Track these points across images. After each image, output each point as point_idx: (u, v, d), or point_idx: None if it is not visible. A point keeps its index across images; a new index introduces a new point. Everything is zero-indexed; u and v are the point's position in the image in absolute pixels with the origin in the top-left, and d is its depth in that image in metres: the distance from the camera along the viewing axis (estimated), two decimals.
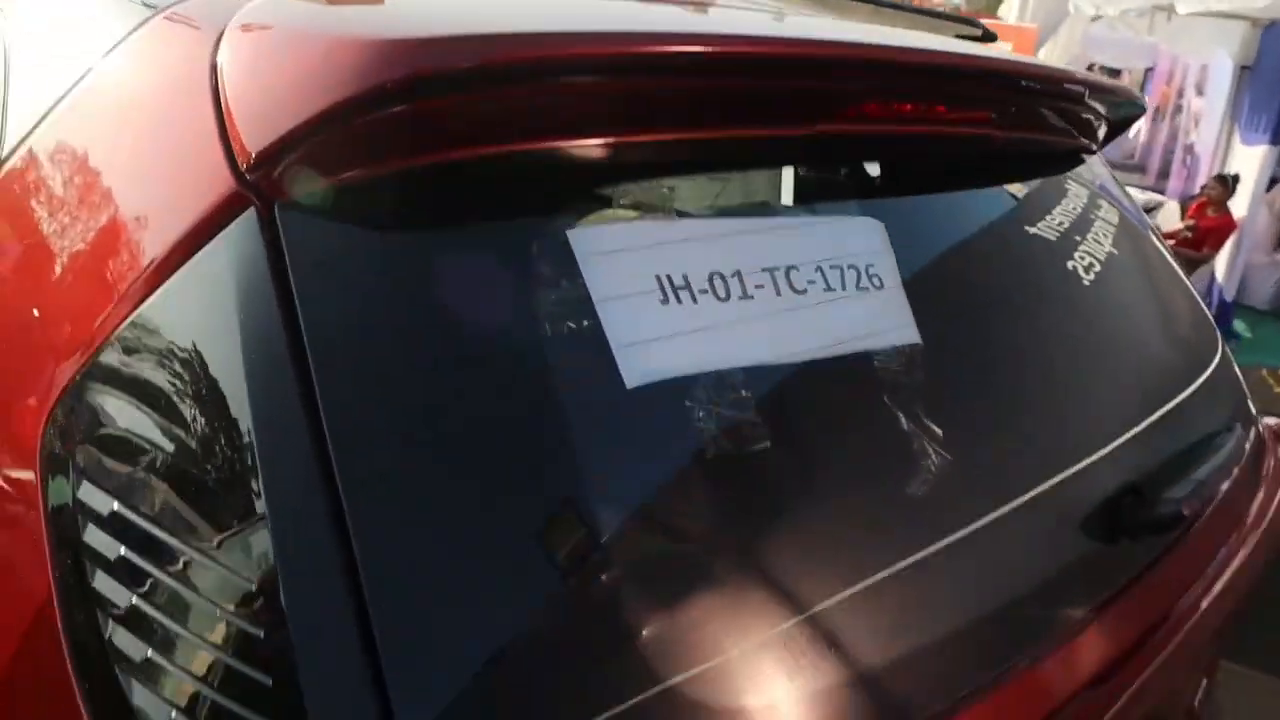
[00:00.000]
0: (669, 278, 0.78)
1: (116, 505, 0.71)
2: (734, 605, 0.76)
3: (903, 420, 0.91)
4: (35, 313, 0.83)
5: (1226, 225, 6.44)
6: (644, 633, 0.71)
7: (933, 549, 0.88)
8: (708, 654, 0.71)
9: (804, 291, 0.86)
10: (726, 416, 0.78)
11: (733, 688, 0.72)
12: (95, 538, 0.72)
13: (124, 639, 0.69)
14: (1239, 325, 6.77)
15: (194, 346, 0.72)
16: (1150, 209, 7.24)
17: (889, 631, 0.82)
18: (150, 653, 0.67)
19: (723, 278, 0.81)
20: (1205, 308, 1.63)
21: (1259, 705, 2.74)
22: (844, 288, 0.89)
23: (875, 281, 0.92)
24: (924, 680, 0.81)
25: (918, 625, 0.84)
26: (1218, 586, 1.20)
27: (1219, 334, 1.60)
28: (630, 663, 0.69)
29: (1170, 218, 7.27)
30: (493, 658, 0.66)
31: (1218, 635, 1.31)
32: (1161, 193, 8.66)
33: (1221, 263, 6.77)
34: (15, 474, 0.80)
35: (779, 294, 0.84)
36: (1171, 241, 6.23)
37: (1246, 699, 2.70)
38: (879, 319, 0.91)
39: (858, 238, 0.93)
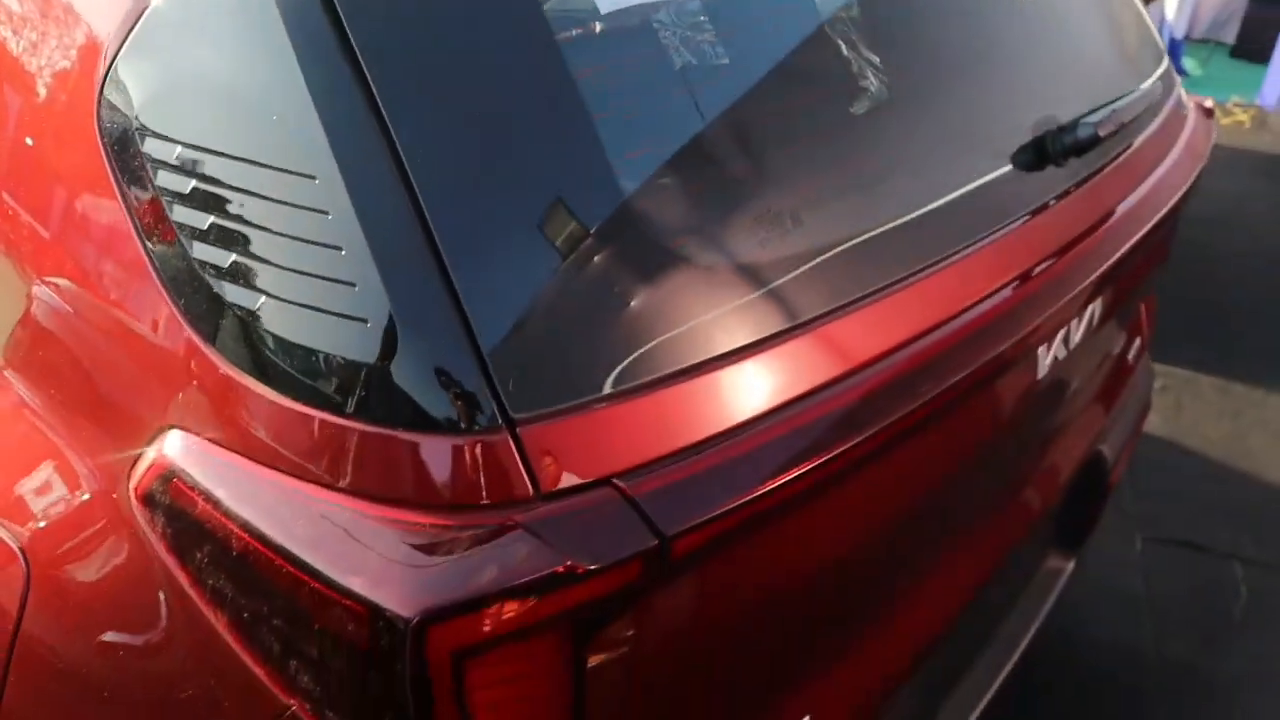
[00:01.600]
0: None
1: (180, 150, 0.84)
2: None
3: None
4: None
5: None
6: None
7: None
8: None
9: None
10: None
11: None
12: (167, 180, 0.85)
13: (205, 251, 0.83)
14: (1189, 63, 6.83)
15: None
16: None
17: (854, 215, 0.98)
18: (236, 258, 0.81)
19: None
20: (1154, 28, 1.75)
21: (1195, 403, 2.99)
22: None
23: None
24: (896, 251, 0.99)
25: (883, 213, 1.00)
26: (1135, 217, 1.37)
27: (1166, 54, 1.72)
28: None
29: None
30: (552, 255, 0.81)
31: (1137, 267, 1.48)
32: None
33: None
34: (80, 139, 0.93)
35: None
36: None
37: (1185, 399, 2.96)
38: None
39: None
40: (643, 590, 0.78)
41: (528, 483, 0.75)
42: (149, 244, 0.87)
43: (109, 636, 0.94)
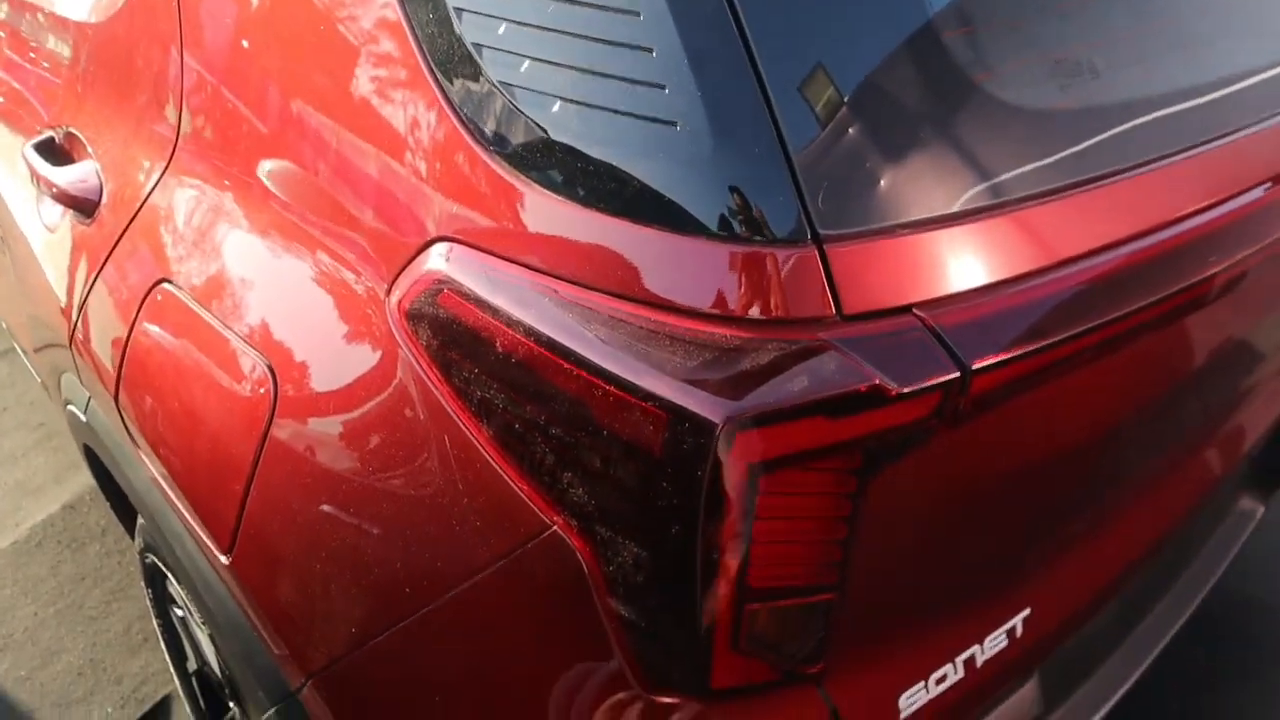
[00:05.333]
0: None
1: None
2: None
3: None
4: None
5: None
6: None
7: None
8: None
9: None
10: None
11: None
12: None
13: (494, 59, 0.81)
14: None
15: None
16: None
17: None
18: (530, 64, 0.79)
19: None
20: None
21: None
22: None
23: None
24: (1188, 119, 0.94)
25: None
26: None
27: None
28: None
29: None
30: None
31: None
32: None
33: None
34: None
35: None
36: None
37: None
38: None
39: None
40: (932, 428, 0.75)
41: (830, 302, 0.72)
42: (429, 55, 0.86)
43: (352, 457, 0.95)
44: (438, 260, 0.85)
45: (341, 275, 0.95)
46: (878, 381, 0.69)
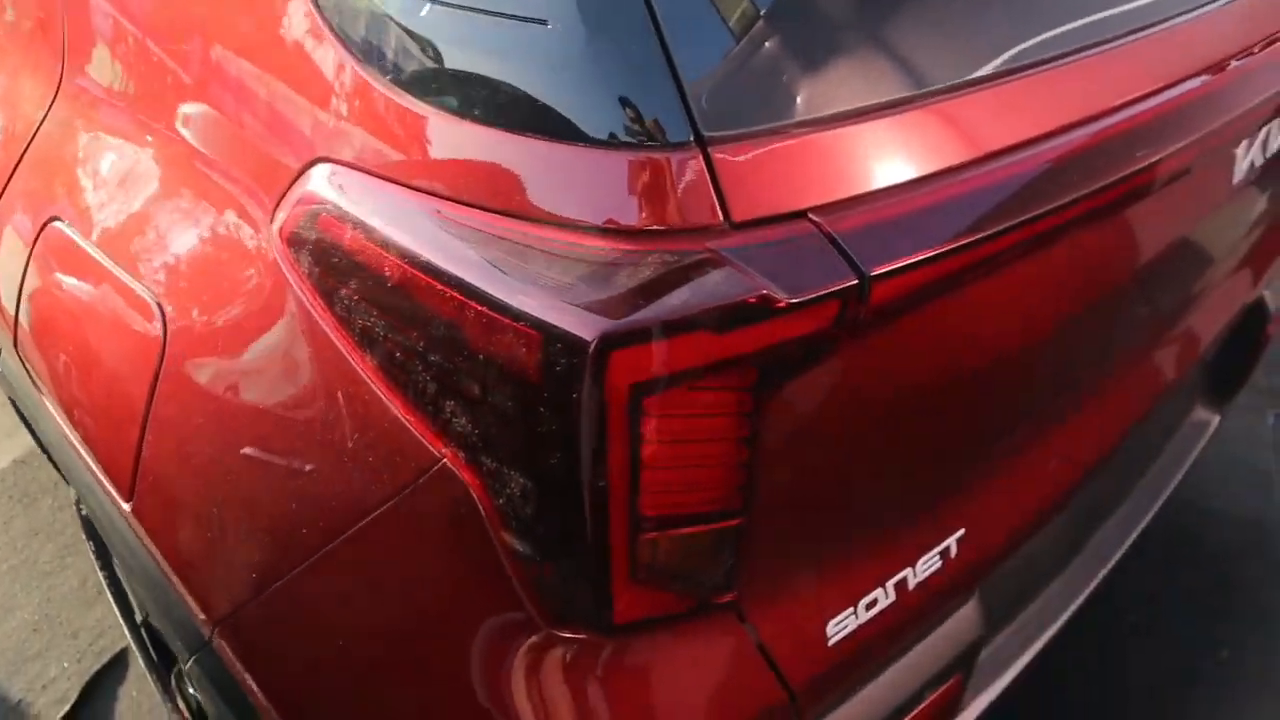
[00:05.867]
0: None
1: None
2: None
3: None
4: None
5: None
6: None
7: None
8: None
9: None
10: None
11: None
12: None
13: None
14: None
15: None
16: None
17: None
18: None
19: None
20: None
21: None
22: None
23: None
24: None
25: None
26: None
27: None
28: None
29: None
30: None
31: None
32: None
33: None
34: None
35: None
36: None
37: None
38: None
39: None
40: (832, 340, 0.71)
41: (718, 209, 0.67)
42: None
43: (243, 395, 0.90)
44: (317, 182, 0.79)
45: (229, 206, 0.89)
46: (765, 292, 0.64)
